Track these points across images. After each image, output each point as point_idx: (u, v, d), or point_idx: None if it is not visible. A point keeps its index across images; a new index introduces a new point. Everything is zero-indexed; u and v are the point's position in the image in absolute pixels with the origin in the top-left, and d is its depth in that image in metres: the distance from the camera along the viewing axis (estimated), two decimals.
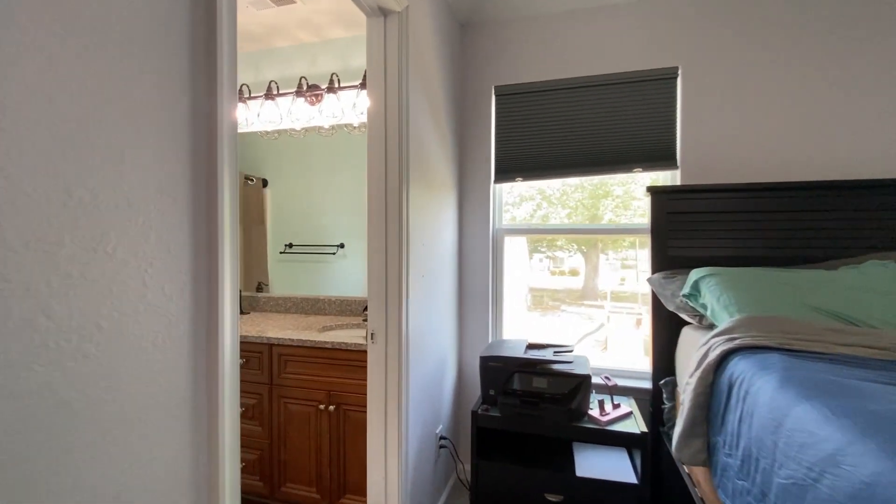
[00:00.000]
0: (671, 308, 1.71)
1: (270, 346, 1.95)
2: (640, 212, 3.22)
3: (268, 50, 2.62)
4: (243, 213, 2.61)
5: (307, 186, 2.54)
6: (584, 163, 2.11)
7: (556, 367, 1.75)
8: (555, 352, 1.92)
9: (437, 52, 1.88)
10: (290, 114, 2.41)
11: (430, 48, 1.79)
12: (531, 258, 2.69)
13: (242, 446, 2.02)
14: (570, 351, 1.95)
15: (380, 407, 1.53)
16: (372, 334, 1.52)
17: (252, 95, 2.57)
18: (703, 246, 1.84)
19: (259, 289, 2.66)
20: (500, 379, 1.76)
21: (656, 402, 1.85)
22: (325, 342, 1.84)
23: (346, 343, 1.82)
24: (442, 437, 1.96)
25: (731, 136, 1.93)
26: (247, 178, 2.58)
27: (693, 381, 1.26)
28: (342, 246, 2.47)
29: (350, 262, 2.47)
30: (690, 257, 1.84)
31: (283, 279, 2.59)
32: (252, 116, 2.57)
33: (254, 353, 1.98)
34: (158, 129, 0.72)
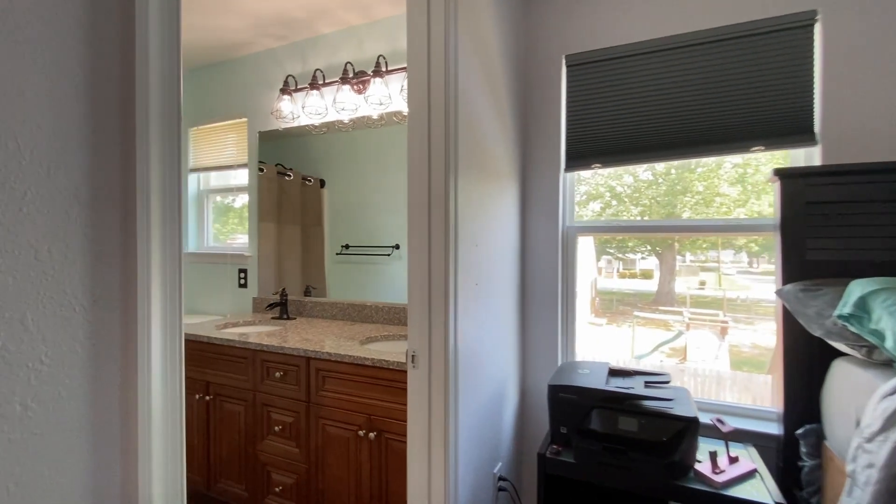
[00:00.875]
0: (817, 333, 1.25)
1: (307, 359, 1.74)
2: (724, 209, 2.66)
3: (313, 39, 2.45)
4: (301, 214, 2.47)
5: (360, 185, 2.34)
6: (683, 142, 1.67)
7: (650, 404, 1.36)
8: (646, 382, 1.52)
9: (493, 15, 1.56)
10: (335, 103, 2.21)
11: (484, 10, 1.48)
12: (598, 260, 2.27)
13: (278, 468, 1.85)
14: (667, 381, 1.53)
15: (422, 445, 1.24)
16: (412, 356, 1.24)
17: (298, 87, 2.41)
18: (859, 248, 1.34)
19: (307, 292, 2.50)
20: (575, 415, 1.40)
21: (788, 456, 1.39)
22: (365, 359, 1.59)
23: (386, 361, 1.55)
24: (501, 479, 1.63)
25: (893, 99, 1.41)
26: (304, 178, 2.45)
27: (883, 453, 0.83)
28: (397, 247, 2.23)
29: (404, 265, 2.22)
30: (839, 262, 1.36)
31: (339, 281, 2.41)
32: (298, 109, 2.41)
33: (291, 367, 1.79)
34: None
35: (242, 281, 2.73)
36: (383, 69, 2.10)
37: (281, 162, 2.52)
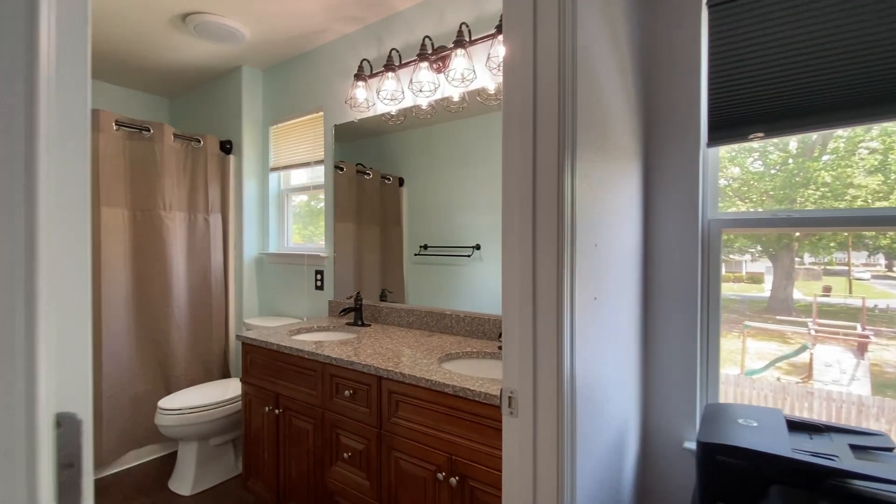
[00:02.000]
0: None
1: (379, 378, 1.49)
2: (860, 201, 2.02)
3: (389, 18, 2.22)
4: (380, 214, 2.27)
5: (439, 182, 2.07)
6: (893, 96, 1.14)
7: (866, 486, 0.89)
8: (852, 445, 1.03)
9: None
10: (411, 84, 1.95)
11: None
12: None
13: (348, 499, 1.57)
14: (889, 448, 1.03)
15: None
16: (510, 398, 0.90)
17: (373, 72, 2.20)
18: None
19: (383, 297, 2.28)
20: (744, 491, 0.97)
21: None
22: (445, 385, 1.29)
23: (470, 391, 1.24)
24: None
25: None
26: (383, 177, 2.25)
27: None
28: (478, 247, 1.92)
29: (486, 266, 1.91)
30: None
31: (417, 283, 2.16)
32: (373, 96, 2.20)
33: (361, 385, 1.55)
34: None
35: (319, 283, 2.60)
36: (466, 39, 1.79)
37: (361, 162, 2.34)
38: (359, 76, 2.14)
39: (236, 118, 2.90)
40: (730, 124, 1.37)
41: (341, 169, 2.45)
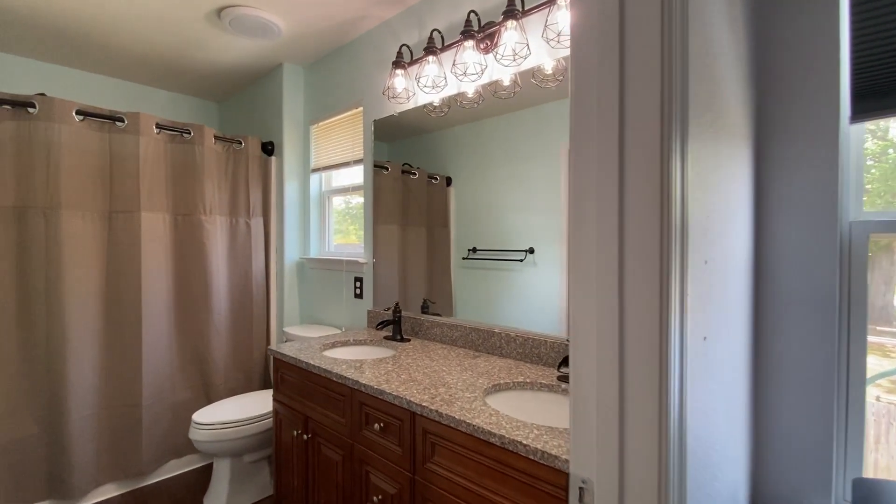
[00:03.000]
0: None
1: (412, 414, 1.25)
2: None
3: None
4: (427, 215, 2.05)
5: (489, 181, 1.81)
6: None
7: None
8: None
9: None
10: (454, 67, 1.70)
11: None
12: None
13: None
14: None
15: None
16: (581, 489, 0.62)
17: (413, 59, 1.98)
18: None
19: (425, 307, 2.05)
20: None
21: None
22: (491, 433, 1.03)
23: (523, 445, 0.96)
24: None
25: None
26: (430, 177, 2.02)
27: None
28: (531, 251, 1.64)
29: (540, 273, 1.63)
30: None
31: (465, 290, 1.91)
32: (413, 85, 1.98)
33: (392, 419, 1.32)
34: None
35: (358, 291, 2.43)
36: (518, 9, 1.51)
37: (408, 162, 2.13)
38: (397, 64, 1.93)
39: (278, 118, 2.80)
40: (886, 90, 0.99)
41: (386, 169, 2.25)
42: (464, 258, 1.92)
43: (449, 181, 1.99)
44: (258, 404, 2.21)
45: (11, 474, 1.94)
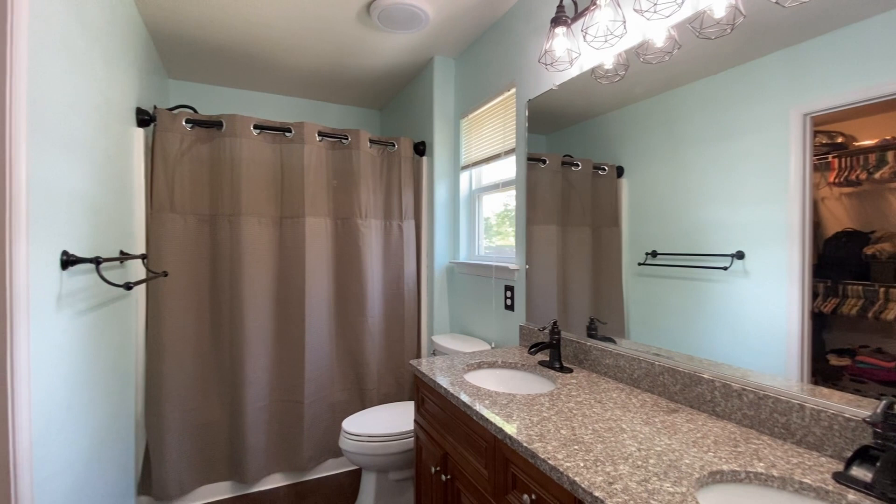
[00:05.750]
0: None
1: (577, 501, 0.85)
2: None
3: None
4: (593, 212, 1.63)
5: (677, 168, 1.30)
6: None
7: None
8: None
9: None
10: (637, 1, 1.23)
11: None
12: None
13: None
14: None
15: None
16: None
17: (578, 12, 1.55)
18: None
19: (591, 329, 1.61)
20: None
21: None
22: None
23: None
24: None
25: None
26: (596, 167, 1.59)
27: None
28: (739, 256, 1.08)
29: (755, 285, 1.06)
30: None
31: (642, 305, 1.43)
32: (577, 44, 1.55)
33: (550, 498, 0.93)
34: None
35: (509, 301, 2.10)
36: None
37: (569, 153, 1.73)
38: (557, 21, 1.53)
39: (428, 116, 2.67)
40: None
41: (543, 161, 1.88)
42: (640, 264, 1.42)
43: (620, 171, 1.50)
44: (405, 418, 2.07)
45: (202, 453, 2.18)
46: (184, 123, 2.14)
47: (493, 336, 2.23)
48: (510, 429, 1.07)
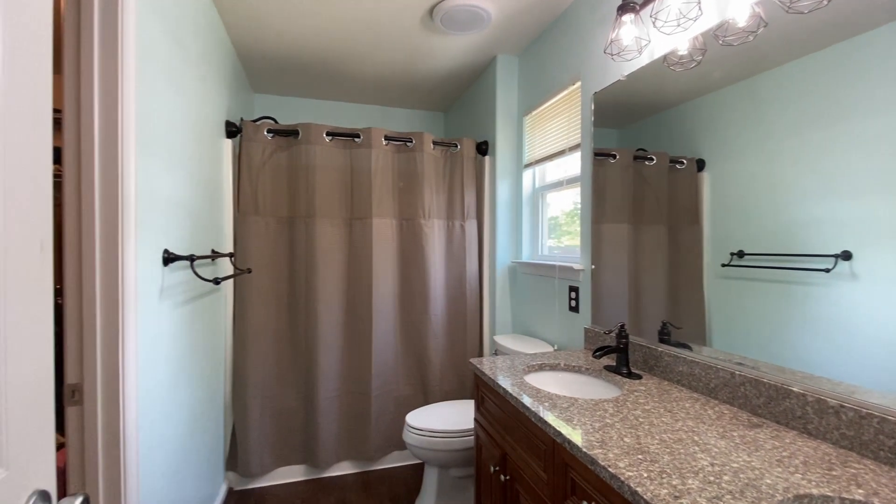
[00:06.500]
0: None
1: None
2: None
3: None
4: (667, 210, 1.54)
5: (769, 156, 1.18)
6: None
7: None
8: None
9: None
10: None
11: None
12: None
13: None
14: None
15: None
16: None
17: None
18: None
19: (664, 333, 1.51)
20: None
21: None
22: None
23: None
24: None
25: None
26: (672, 161, 1.50)
27: None
28: (845, 256, 0.95)
29: (865, 290, 0.93)
30: None
31: (725, 310, 1.32)
32: (646, 31, 1.47)
33: None
34: None
35: (573, 303, 2.03)
36: None
37: (642, 147, 1.64)
38: (625, 8, 1.45)
39: (491, 115, 2.67)
40: None
41: (613, 156, 1.80)
42: (724, 265, 1.30)
43: (700, 165, 1.39)
44: (467, 416, 2.09)
45: (280, 436, 2.36)
46: (265, 133, 2.34)
47: (556, 338, 2.17)
48: (569, 432, 1.04)
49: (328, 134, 2.42)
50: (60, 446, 1.11)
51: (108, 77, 1.08)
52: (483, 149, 2.72)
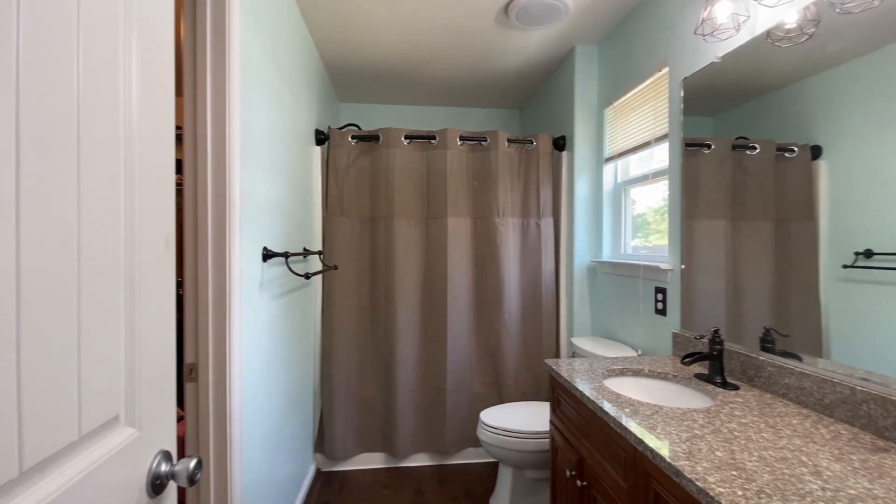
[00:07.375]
0: None
1: None
2: None
3: None
4: (774, 204, 1.39)
5: None
6: None
7: None
8: None
9: None
10: None
11: None
12: None
13: None
14: None
15: None
16: None
17: None
18: None
19: (767, 341, 1.35)
20: None
21: None
22: None
23: None
24: None
25: None
26: (780, 149, 1.35)
27: None
28: None
29: None
30: None
31: (847, 318, 1.16)
32: (744, 6, 1.33)
33: None
34: None
35: (660, 305, 1.89)
36: None
37: (742, 135, 1.49)
38: None
39: (569, 109, 2.58)
40: None
41: (707, 147, 1.65)
42: (846, 266, 1.13)
43: (816, 152, 1.22)
44: (542, 418, 2.05)
45: (362, 423, 2.50)
46: (350, 139, 2.49)
47: (640, 342, 2.04)
48: (652, 441, 0.98)
49: (406, 137, 2.51)
50: (180, 419, 1.29)
51: (217, 98, 1.23)
52: (560, 144, 2.64)
